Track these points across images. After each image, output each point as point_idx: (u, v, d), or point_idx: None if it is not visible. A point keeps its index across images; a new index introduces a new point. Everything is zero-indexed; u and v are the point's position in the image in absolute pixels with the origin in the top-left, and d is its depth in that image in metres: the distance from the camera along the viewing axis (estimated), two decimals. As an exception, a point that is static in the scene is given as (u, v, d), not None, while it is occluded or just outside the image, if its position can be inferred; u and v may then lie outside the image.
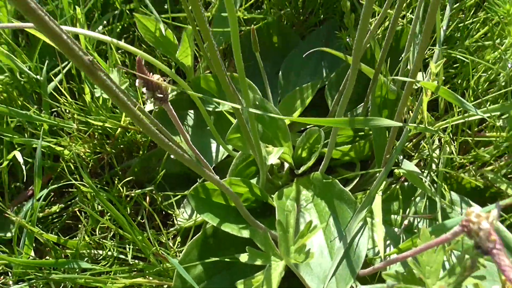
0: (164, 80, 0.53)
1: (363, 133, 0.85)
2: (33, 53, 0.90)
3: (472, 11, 0.83)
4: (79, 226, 0.90)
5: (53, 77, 0.93)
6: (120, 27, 0.99)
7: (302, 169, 0.86)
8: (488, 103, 0.79)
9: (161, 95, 0.52)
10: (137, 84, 0.50)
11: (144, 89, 0.52)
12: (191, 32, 0.84)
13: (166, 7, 1.09)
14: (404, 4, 0.85)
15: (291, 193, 0.82)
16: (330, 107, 0.90)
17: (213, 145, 0.93)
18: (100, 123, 0.82)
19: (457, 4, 0.85)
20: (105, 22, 0.99)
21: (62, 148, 0.87)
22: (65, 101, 0.88)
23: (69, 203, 0.92)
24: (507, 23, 0.66)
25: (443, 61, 0.66)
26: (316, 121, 0.55)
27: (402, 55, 0.79)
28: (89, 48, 0.86)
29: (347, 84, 0.61)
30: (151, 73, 0.52)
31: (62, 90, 0.90)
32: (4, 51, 0.78)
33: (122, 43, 0.68)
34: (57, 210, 0.87)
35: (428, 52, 0.87)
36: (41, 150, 0.78)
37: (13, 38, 0.98)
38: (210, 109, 0.93)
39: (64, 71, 0.92)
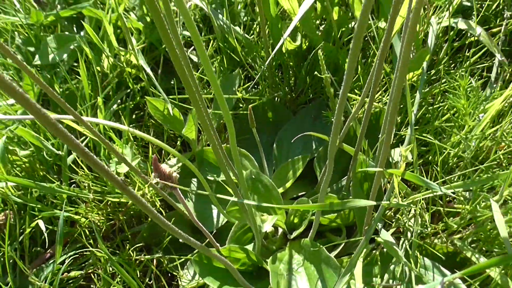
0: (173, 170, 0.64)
1: (347, 202, 0.95)
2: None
3: (439, 96, 0.96)
4: (92, 287, 0.99)
5: (72, 151, 1.04)
6: (132, 104, 1.11)
7: (295, 234, 0.96)
8: (456, 177, 0.89)
9: (172, 184, 0.63)
10: (152, 176, 0.61)
11: (158, 179, 0.63)
12: (195, 114, 0.96)
13: (172, 83, 1.22)
14: (380, 92, 0.97)
15: (284, 257, 0.91)
16: (318, 177, 1.01)
17: (214, 211, 1.04)
18: (116, 199, 0.93)
19: (427, 89, 0.97)
20: (119, 100, 1.11)
21: (79, 216, 0.98)
22: (83, 173, 0.99)
23: (83, 265, 1.01)
24: (464, 114, 0.78)
25: (411, 146, 0.77)
26: (302, 206, 0.65)
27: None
28: (106, 127, 0.97)
29: (327, 167, 0.72)
30: (163, 166, 0.63)
31: (80, 162, 1.01)
32: (34, 134, 0.89)
33: (137, 131, 0.80)
34: (76, 276, 0.96)
35: (404, 129, 0.99)
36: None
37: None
38: (212, 178, 1.04)
39: (83, 144, 1.03)
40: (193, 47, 1.26)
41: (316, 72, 0.83)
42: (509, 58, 1.08)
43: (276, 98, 1.12)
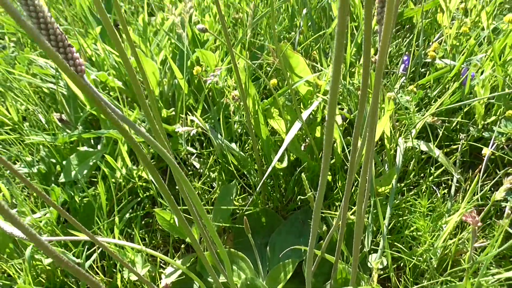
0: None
1: (332, 304, 1.07)
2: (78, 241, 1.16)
3: (406, 210, 1.11)
4: None
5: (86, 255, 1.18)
6: (142, 213, 1.26)
7: (286, 333, 1.08)
8: (425, 281, 1.03)
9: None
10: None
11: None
12: (197, 228, 1.11)
13: (177, 188, 1.38)
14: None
15: None
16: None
17: (215, 312, 1.16)
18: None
19: (398, 201, 1.12)
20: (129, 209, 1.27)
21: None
22: (98, 278, 1.13)
23: None
24: (424, 232, 0.93)
25: (380, 260, 0.91)
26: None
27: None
28: (120, 238, 1.12)
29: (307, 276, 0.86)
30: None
31: (95, 268, 1.15)
32: (59, 250, 1.04)
33: (148, 250, 0.94)
34: None
35: (379, 236, 1.13)
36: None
37: (56, 226, 1.25)
38: (212, 280, 1.17)
39: (99, 251, 1.17)
40: (195, 154, 1.43)
41: (301, 196, 0.99)
42: (470, 168, 1.24)
43: (268, 205, 1.27)
